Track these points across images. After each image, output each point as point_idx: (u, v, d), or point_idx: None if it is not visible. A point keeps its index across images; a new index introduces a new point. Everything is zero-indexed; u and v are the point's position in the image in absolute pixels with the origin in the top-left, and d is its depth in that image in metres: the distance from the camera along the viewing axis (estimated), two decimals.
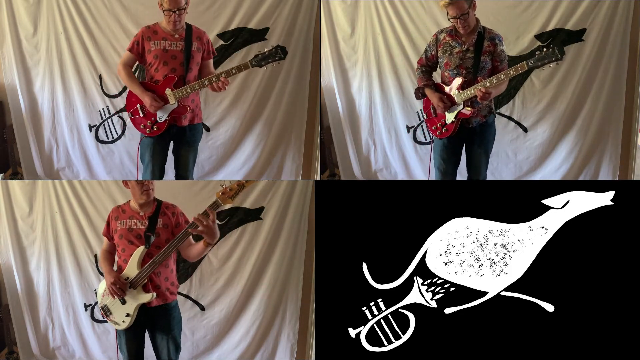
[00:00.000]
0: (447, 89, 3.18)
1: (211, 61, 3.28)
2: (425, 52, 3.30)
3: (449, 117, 3.19)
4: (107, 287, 2.90)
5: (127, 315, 2.88)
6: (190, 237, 2.85)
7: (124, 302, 2.88)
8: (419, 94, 3.33)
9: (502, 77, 3.04)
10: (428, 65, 3.31)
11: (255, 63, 3.09)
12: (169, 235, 2.91)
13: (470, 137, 3.23)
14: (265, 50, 3.08)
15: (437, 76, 3.35)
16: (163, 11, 3.11)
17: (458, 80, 3.13)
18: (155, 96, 3.11)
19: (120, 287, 2.85)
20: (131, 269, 2.87)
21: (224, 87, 3.08)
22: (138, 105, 3.17)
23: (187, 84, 3.12)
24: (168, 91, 3.10)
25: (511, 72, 3.01)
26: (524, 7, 3.78)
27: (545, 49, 2.96)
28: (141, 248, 2.86)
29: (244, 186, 2.79)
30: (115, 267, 3.01)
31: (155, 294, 2.85)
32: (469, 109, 3.13)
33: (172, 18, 3.09)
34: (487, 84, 3.05)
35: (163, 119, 3.15)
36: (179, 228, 2.93)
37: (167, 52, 3.13)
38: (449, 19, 3.14)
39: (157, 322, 2.94)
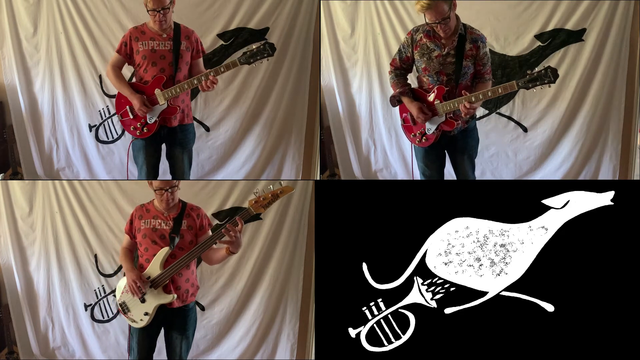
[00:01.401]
0: (428, 96, 2.95)
1: (201, 60, 3.23)
2: (399, 52, 3.03)
3: (430, 128, 2.98)
4: (128, 284, 2.89)
5: (146, 314, 2.87)
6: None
7: (143, 301, 2.87)
8: (395, 101, 3.03)
9: (490, 94, 2.83)
10: (402, 67, 3.04)
11: (244, 60, 3.02)
12: (192, 237, 2.91)
13: (452, 144, 3.05)
14: (254, 47, 3.00)
15: (411, 77, 3.16)
16: (148, 11, 3.09)
17: (439, 89, 2.90)
18: (145, 100, 3.08)
19: (142, 286, 2.84)
20: (153, 269, 2.86)
21: (212, 86, 3.02)
22: (127, 107, 3.15)
23: (177, 83, 3.08)
24: (157, 91, 3.08)
25: (499, 91, 2.79)
26: (524, 7, 3.78)
27: (538, 70, 2.74)
28: (166, 249, 2.85)
29: (278, 196, 2.76)
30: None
31: (175, 296, 2.85)
32: (451, 121, 2.93)
33: (157, 18, 3.07)
34: (473, 99, 2.83)
35: (153, 120, 3.12)
36: (203, 231, 2.93)
37: (156, 52, 3.10)
38: (426, 23, 2.86)
39: (174, 322, 2.94)
